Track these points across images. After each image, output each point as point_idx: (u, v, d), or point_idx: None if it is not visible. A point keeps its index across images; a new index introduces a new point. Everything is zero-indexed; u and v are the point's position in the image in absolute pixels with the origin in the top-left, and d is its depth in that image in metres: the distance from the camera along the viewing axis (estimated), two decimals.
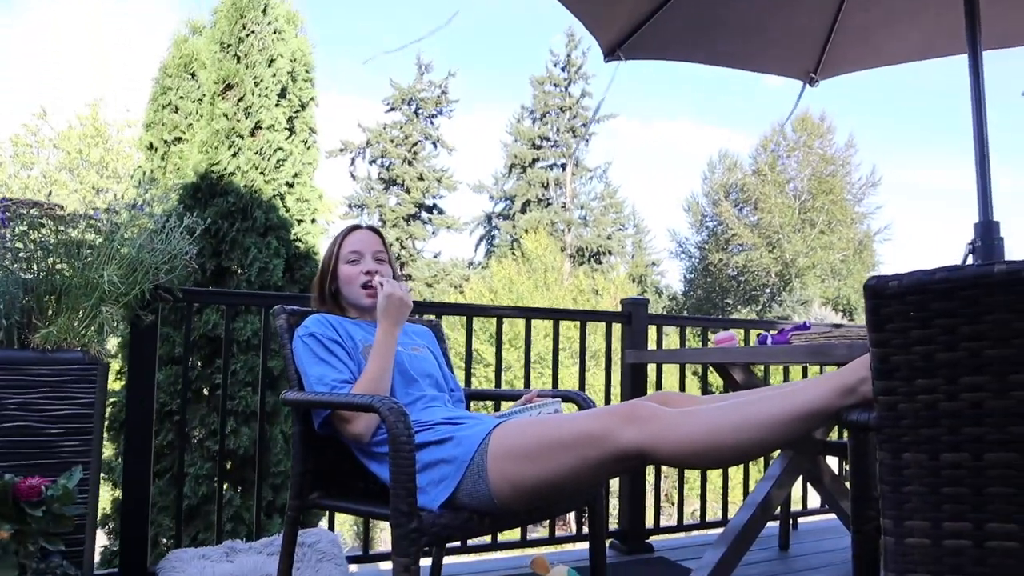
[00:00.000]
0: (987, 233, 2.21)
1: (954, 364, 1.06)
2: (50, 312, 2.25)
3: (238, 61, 5.46)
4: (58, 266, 2.31)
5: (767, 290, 30.39)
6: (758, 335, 2.76)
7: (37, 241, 2.31)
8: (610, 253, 29.48)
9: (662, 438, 1.31)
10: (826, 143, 30.63)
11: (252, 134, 5.42)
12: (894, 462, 1.14)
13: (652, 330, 3.43)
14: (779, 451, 2.75)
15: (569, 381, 13.54)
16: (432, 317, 2.61)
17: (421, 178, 28.77)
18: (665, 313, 30.53)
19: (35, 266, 2.31)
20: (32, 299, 2.25)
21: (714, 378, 11.81)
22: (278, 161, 5.49)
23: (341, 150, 29.09)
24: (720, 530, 2.80)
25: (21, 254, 2.32)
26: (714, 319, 3.39)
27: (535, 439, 1.44)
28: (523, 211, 29.32)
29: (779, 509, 3.23)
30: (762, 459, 4.05)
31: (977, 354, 1.05)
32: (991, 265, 1.02)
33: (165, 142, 5.72)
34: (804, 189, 30.34)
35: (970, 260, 2.25)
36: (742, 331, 3.60)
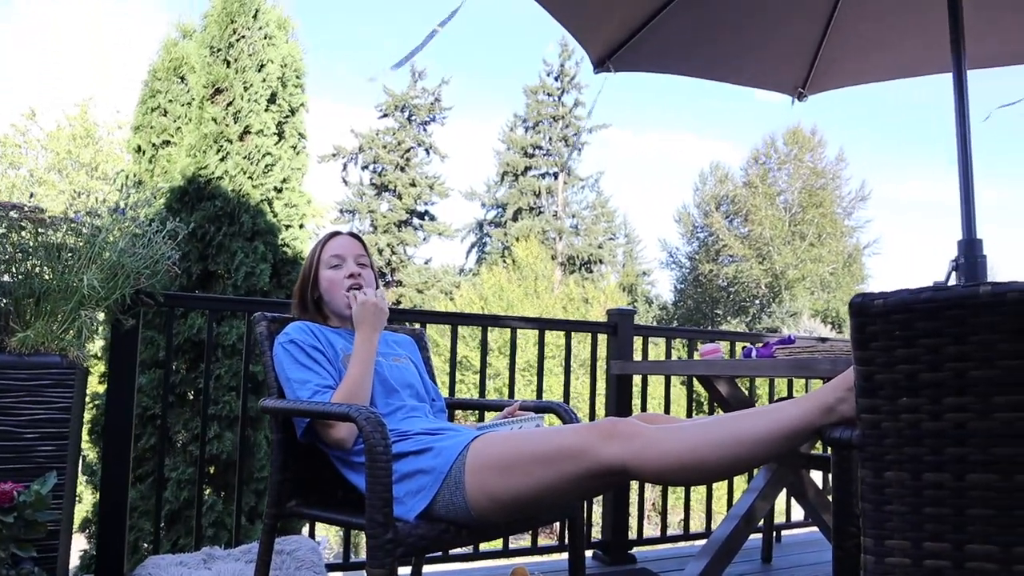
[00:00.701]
0: (970, 251, 2.21)
1: (938, 384, 1.06)
2: (28, 316, 2.22)
3: (228, 66, 5.44)
4: (37, 269, 2.27)
5: (757, 301, 30.49)
6: (743, 348, 2.75)
7: (16, 243, 2.28)
8: (601, 262, 29.53)
9: (643, 455, 1.29)
10: (817, 156, 30.83)
11: (241, 139, 5.40)
12: (876, 480, 1.13)
13: (639, 341, 3.42)
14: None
15: (556, 389, 13.52)
16: (417, 325, 2.59)
17: (413, 184, 28.76)
18: (655, 323, 30.59)
19: (13, 268, 2.27)
20: (10, 302, 2.21)
21: (700, 389, 11.77)
22: (266, 166, 5.47)
23: (334, 155, 29.04)
24: (703, 542, 2.79)
25: (0, 256, 2.28)
26: (701, 331, 3.38)
27: (514, 452, 1.42)
28: (515, 219, 29.33)
29: (762, 521, 3.22)
30: (743, 480, 4.06)
31: (962, 375, 1.04)
32: (977, 286, 1.02)
33: (153, 145, 5.69)
34: (795, 202, 30.51)
35: (953, 278, 2.25)
36: (728, 343, 3.60)
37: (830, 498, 2.75)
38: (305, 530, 2.92)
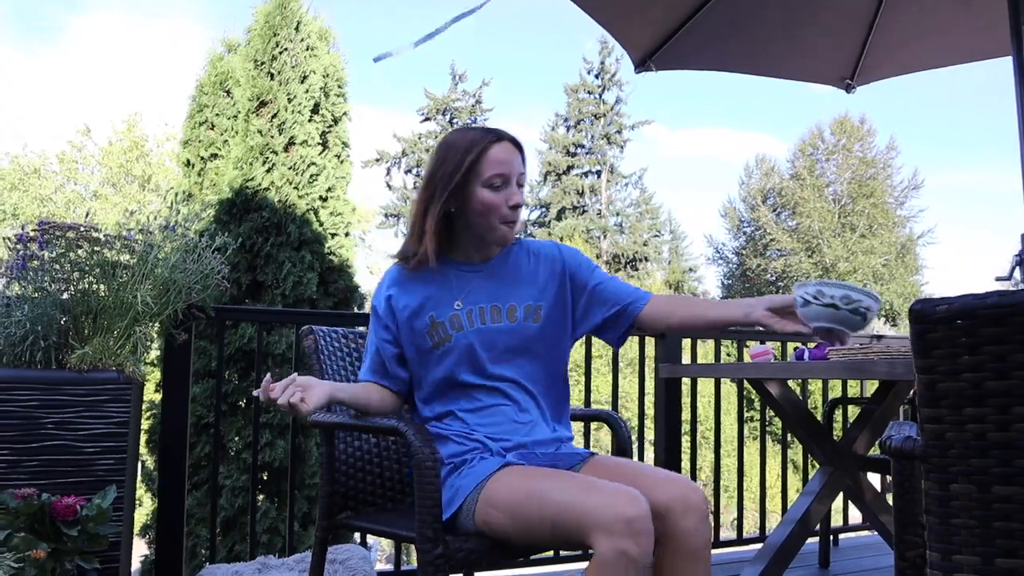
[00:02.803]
0: None
1: (1006, 393, 1.01)
2: (86, 332, 2.28)
3: (272, 78, 5.54)
4: (94, 287, 2.34)
5: None
6: (795, 348, 2.69)
7: (74, 262, 2.35)
8: (646, 259, 29.28)
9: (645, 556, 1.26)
10: (866, 146, 30.10)
11: (286, 150, 5.50)
12: (942, 493, 1.09)
13: (687, 342, 3.37)
14: (819, 466, 2.68)
15: (604, 390, 13.43)
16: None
17: None
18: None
19: (71, 287, 2.34)
20: (69, 320, 2.28)
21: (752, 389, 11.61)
22: (311, 176, 5.55)
23: (377, 160, 29.37)
24: (758, 546, 2.74)
25: (58, 275, 2.36)
26: (749, 332, 3.32)
27: (522, 499, 1.37)
28: (559, 218, 29.27)
29: (819, 525, 3.14)
30: (802, 473, 3.97)
31: None
32: None
33: (202, 159, 5.83)
34: (844, 193, 29.83)
35: (1018, 273, 2.16)
36: (780, 343, 3.52)
37: (889, 500, 2.67)
38: (357, 536, 2.94)
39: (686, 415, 3.33)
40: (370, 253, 28.71)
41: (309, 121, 5.57)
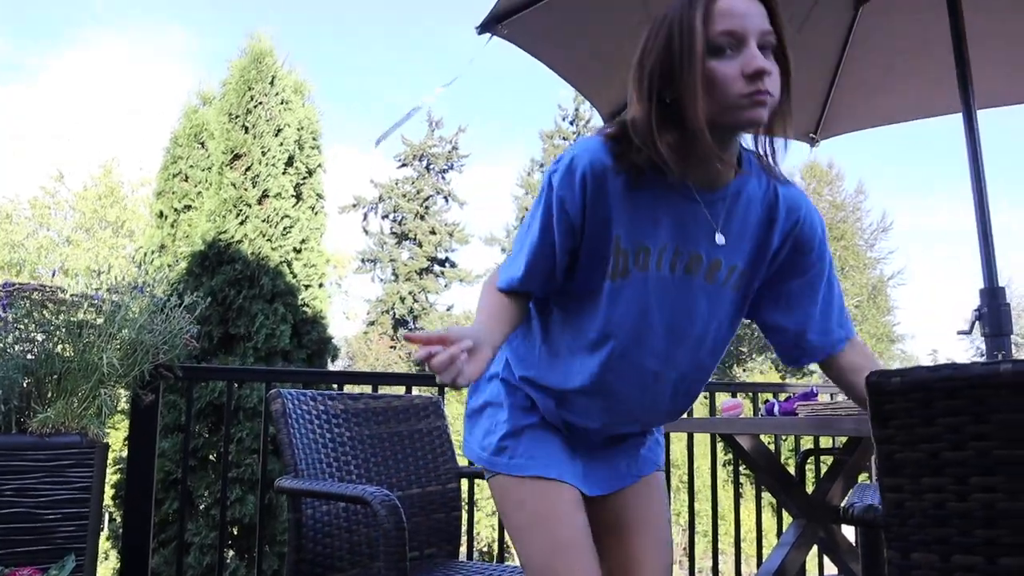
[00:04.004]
0: (993, 299, 2.18)
1: (962, 463, 1.03)
2: (49, 395, 2.24)
3: (246, 131, 5.58)
4: (59, 347, 2.31)
5: None
6: (765, 402, 2.71)
7: (39, 322, 2.32)
8: None
9: None
10: (835, 190, 30.75)
11: (260, 202, 5.51)
12: (903, 562, 1.09)
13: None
14: (793, 518, 2.68)
15: None
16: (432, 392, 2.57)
17: (433, 232, 28.99)
18: None
19: (35, 348, 2.31)
20: (32, 382, 2.24)
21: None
22: (285, 228, 5.56)
23: (354, 205, 29.42)
24: None
25: (22, 335, 2.32)
26: (720, 384, 3.35)
27: (518, 528, 1.27)
28: None
29: None
30: (775, 524, 3.96)
31: (986, 454, 1.01)
32: (997, 364, 1.00)
33: (175, 210, 5.81)
34: None
35: (977, 328, 2.21)
36: (750, 396, 3.54)
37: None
38: None
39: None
40: (346, 299, 28.60)
41: (283, 174, 5.60)
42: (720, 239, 1.20)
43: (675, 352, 1.26)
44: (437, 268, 29.36)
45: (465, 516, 2.30)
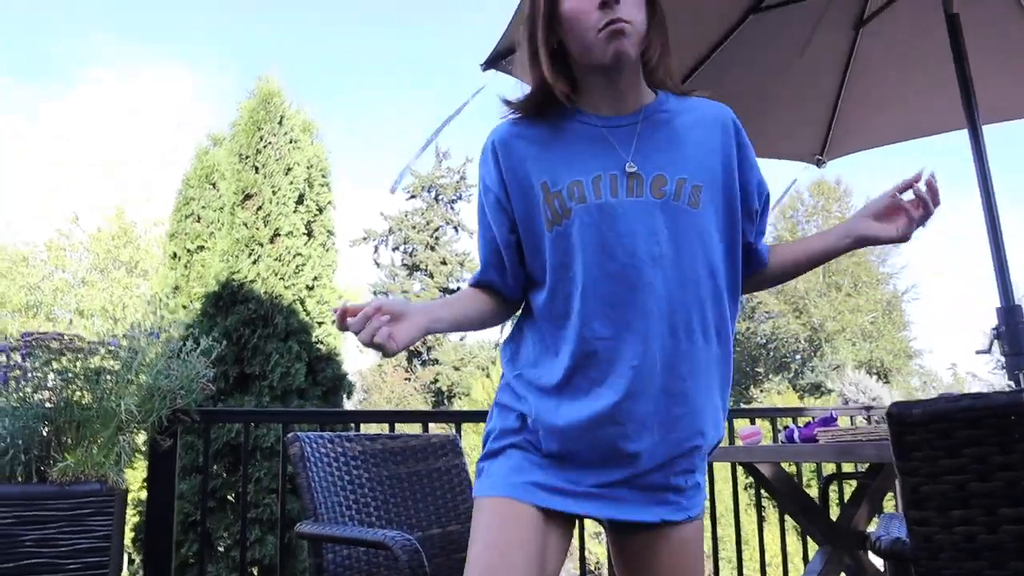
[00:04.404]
0: (1011, 318, 2.16)
1: (990, 494, 1.01)
2: (68, 443, 2.25)
3: (256, 171, 5.65)
4: (77, 395, 2.32)
5: (797, 356, 29.93)
6: (784, 427, 2.68)
7: (57, 371, 2.34)
8: None
9: None
10: (844, 206, 30.67)
11: (271, 241, 5.56)
12: None
13: None
14: (818, 545, 2.63)
15: None
16: (446, 427, 2.57)
17: (444, 263, 29.08)
18: None
19: (54, 396, 2.32)
20: (51, 431, 2.25)
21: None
22: (297, 267, 5.60)
23: (364, 239, 29.58)
24: None
25: (42, 384, 2.34)
26: (737, 410, 3.32)
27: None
28: None
29: None
30: (800, 548, 3.91)
31: (1014, 484, 1.00)
32: (1019, 392, 0.99)
33: (188, 251, 5.87)
34: None
35: (996, 347, 2.19)
36: (769, 421, 3.51)
37: None
38: None
39: None
40: None
41: (294, 212, 5.66)
42: (631, 161, 1.17)
43: (659, 282, 1.14)
44: None
45: None
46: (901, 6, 3.10)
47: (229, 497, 5.23)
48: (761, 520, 3.60)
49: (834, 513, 2.71)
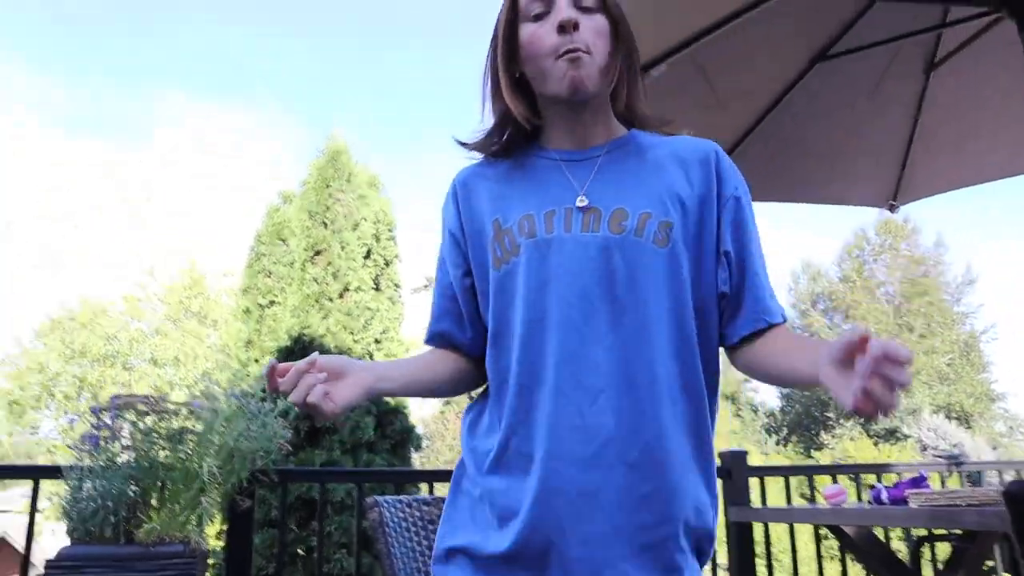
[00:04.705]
0: None
1: None
2: (154, 503, 2.31)
3: (325, 227, 5.82)
4: (161, 455, 2.39)
5: None
6: (870, 488, 2.58)
7: (143, 431, 2.41)
8: None
9: None
10: (913, 244, 29.78)
11: (341, 296, 5.69)
12: None
13: (754, 480, 3.25)
14: None
15: None
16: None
17: None
18: (763, 431, 29.29)
19: (140, 456, 2.39)
20: (137, 492, 2.31)
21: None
22: (366, 321, 5.71)
23: (425, 286, 29.95)
24: None
25: (128, 445, 2.41)
26: (819, 467, 3.21)
27: None
28: None
29: None
30: None
31: None
32: None
33: (260, 306, 6.05)
34: (897, 293, 29.30)
35: None
36: (852, 478, 3.37)
37: None
38: None
39: (758, 535, 3.15)
40: None
41: (362, 267, 5.79)
42: (582, 195, 1.05)
43: (612, 329, 0.99)
44: None
45: None
46: (976, 45, 3.04)
47: (299, 551, 5.27)
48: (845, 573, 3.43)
49: None
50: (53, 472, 2.41)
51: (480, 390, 1.17)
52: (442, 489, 2.52)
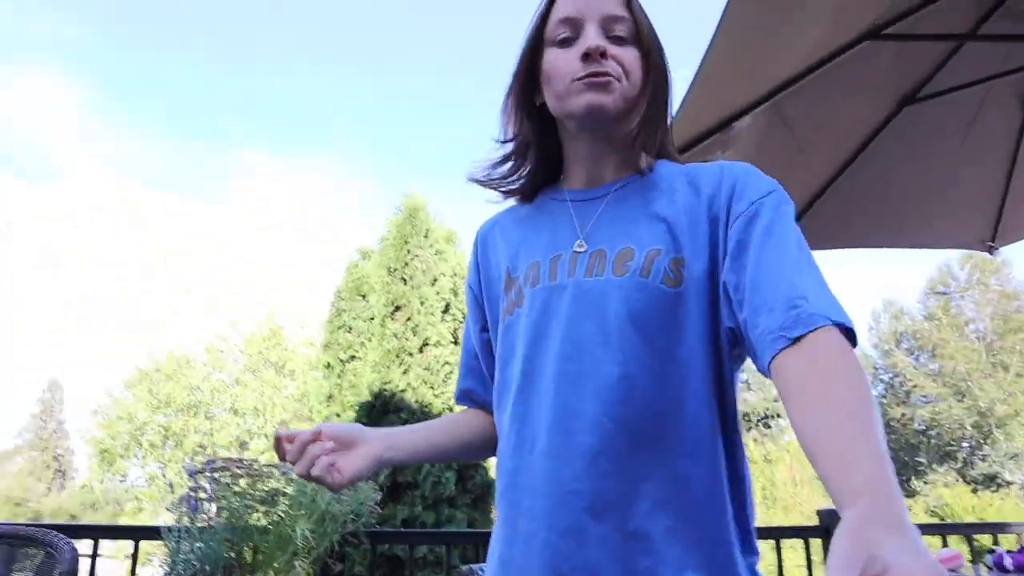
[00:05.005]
0: None
1: None
2: (248, 565, 2.34)
3: (404, 283, 5.93)
4: (254, 516, 2.42)
5: (964, 444, 27.34)
6: (991, 552, 2.41)
7: (238, 494, 2.45)
8: (779, 416, 27.89)
9: None
10: (1003, 278, 28.40)
11: (420, 351, 5.76)
12: None
13: None
14: None
15: None
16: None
17: None
18: None
19: (234, 518, 2.43)
20: (232, 555, 2.35)
21: None
22: (446, 375, 5.75)
23: None
24: None
25: (223, 507, 2.46)
26: (927, 525, 3.02)
27: None
28: None
29: None
30: None
31: None
32: None
33: (340, 361, 6.18)
34: (988, 330, 27.89)
35: None
36: (964, 539, 3.16)
37: None
38: None
39: None
40: None
41: (441, 321, 5.87)
42: (581, 239, 0.97)
43: (616, 383, 0.87)
44: None
45: None
46: None
47: None
48: None
49: None
50: (153, 533, 2.47)
51: None
52: None
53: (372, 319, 6.08)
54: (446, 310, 5.96)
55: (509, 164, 1.05)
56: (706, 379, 0.88)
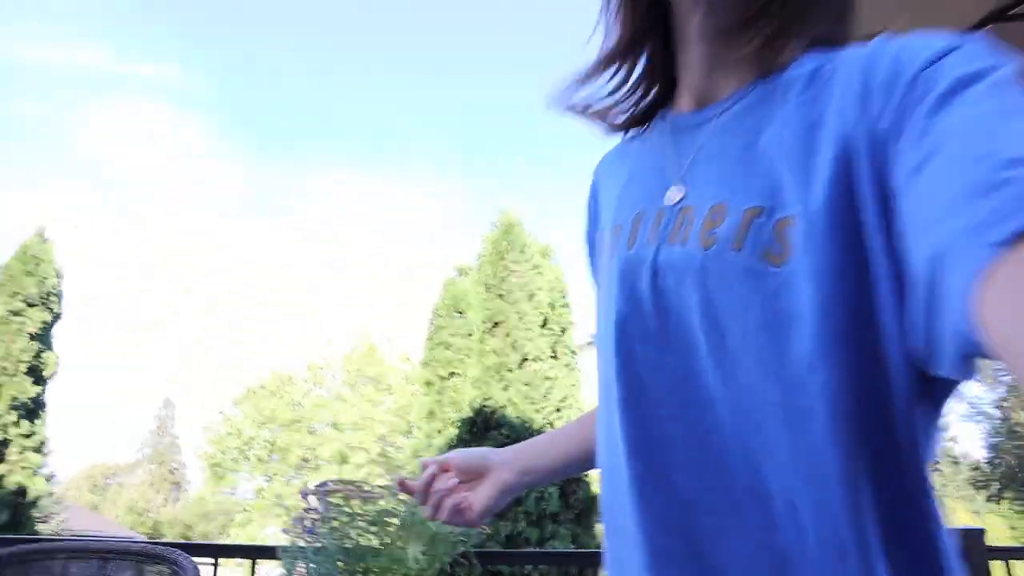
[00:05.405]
0: None
1: None
2: None
3: (502, 299, 5.95)
4: (365, 537, 2.44)
5: None
6: None
7: (349, 515, 2.48)
8: None
9: None
10: None
11: (520, 366, 5.75)
12: None
13: (997, 565, 2.84)
14: None
15: None
16: None
17: None
18: (971, 487, 26.36)
19: (346, 539, 2.45)
20: (346, 575, 2.37)
21: None
22: (546, 390, 5.73)
23: (589, 343, 29.99)
24: None
25: (335, 527, 2.49)
26: (1016, 549, 2.74)
27: None
28: None
29: None
30: None
31: None
32: None
33: (440, 377, 6.26)
34: None
35: None
36: None
37: None
38: None
39: None
40: None
41: (539, 336, 5.87)
42: (677, 184, 0.66)
43: (675, 412, 0.61)
44: None
45: None
46: None
47: None
48: None
49: None
50: (269, 552, 2.52)
51: None
52: None
53: (470, 335, 6.14)
54: (544, 324, 5.95)
55: (615, 78, 0.73)
56: (819, 382, 0.54)
